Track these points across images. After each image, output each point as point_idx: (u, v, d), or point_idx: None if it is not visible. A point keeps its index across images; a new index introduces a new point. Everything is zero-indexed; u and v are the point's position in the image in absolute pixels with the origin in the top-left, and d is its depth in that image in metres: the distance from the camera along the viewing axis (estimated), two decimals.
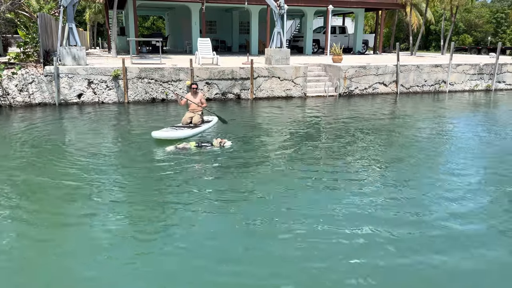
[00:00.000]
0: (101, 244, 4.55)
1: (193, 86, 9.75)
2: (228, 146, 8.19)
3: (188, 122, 9.54)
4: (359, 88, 16.52)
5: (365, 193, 6.05)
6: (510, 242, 4.77)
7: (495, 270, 4.23)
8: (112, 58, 18.11)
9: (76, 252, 4.40)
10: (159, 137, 8.53)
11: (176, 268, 4.15)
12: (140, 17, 42.36)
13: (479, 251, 4.53)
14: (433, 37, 46.70)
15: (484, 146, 9.05)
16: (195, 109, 9.63)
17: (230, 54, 23.64)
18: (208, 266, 4.16)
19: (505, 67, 19.13)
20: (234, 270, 4.11)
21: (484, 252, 4.53)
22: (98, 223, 5.02)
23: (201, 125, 9.56)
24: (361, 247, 4.54)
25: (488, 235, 4.91)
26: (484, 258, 4.42)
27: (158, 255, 4.36)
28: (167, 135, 8.65)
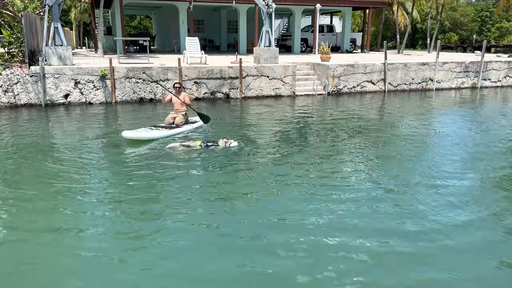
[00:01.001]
0: (89, 247, 4.49)
1: (176, 85, 9.38)
2: (234, 146, 8.04)
3: (171, 122, 9.31)
4: (347, 87, 16.61)
5: (360, 192, 6.08)
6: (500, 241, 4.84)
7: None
8: (99, 57, 17.91)
9: (64, 257, 4.33)
10: (130, 137, 8.26)
11: (177, 266, 4.12)
12: (127, 16, 41.96)
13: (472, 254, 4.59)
14: (420, 36, 47.19)
15: (471, 143, 9.17)
16: (179, 109, 9.36)
17: (219, 53, 23.57)
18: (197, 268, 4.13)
19: (490, 64, 19.42)
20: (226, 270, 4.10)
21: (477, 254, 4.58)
22: (86, 226, 4.95)
23: (183, 126, 9.30)
24: (351, 250, 4.56)
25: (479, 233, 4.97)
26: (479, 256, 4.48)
27: (152, 258, 4.31)
28: (139, 135, 8.35)
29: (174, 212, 5.31)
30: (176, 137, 8.82)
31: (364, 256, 4.32)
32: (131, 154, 7.80)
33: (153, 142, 8.38)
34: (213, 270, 4.08)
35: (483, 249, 4.57)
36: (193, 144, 8.00)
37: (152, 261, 4.21)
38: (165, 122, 9.32)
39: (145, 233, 4.77)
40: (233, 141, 8.14)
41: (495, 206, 5.66)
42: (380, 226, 4.99)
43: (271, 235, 4.75)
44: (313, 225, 4.99)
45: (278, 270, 4.07)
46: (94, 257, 4.30)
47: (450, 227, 4.99)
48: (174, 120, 9.31)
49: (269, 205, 5.59)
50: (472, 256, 4.43)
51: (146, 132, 8.54)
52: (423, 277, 4.01)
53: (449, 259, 4.33)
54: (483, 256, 4.43)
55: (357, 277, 3.97)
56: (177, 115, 9.35)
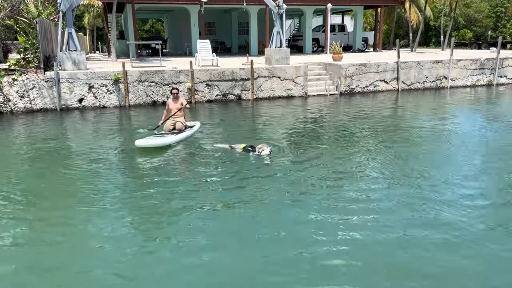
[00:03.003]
0: (106, 249, 4.53)
1: (173, 91, 9.22)
2: (265, 155, 7.61)
3: (171, 128, 9.13)
4: (360, 86, 16.48)
5: (378, 191, 6.03)
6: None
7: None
8: (112, 62, 18.11)
9: (76, 259, 4.38)
10: (143, 146, 8.12)
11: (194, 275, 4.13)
12: (139, 20, 42.38)
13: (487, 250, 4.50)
14: (433, 33, 46.56)
15: (489, 142, 9.00)
16: (177, 115, 9.15)
17: (230, 55, 23.62)
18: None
19: (506, 61, 19.05)
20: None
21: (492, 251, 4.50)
22: (100, 230, 5.00)
23: (185, 130, 9.19)
24: (372, 246, 4.52)
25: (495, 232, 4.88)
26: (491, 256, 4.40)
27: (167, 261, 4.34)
28: (152, 142, 8.24)
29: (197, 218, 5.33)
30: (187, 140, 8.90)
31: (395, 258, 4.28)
32: (148, 159, 7.84)
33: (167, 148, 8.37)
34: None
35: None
36: (238, 146, 8.03)
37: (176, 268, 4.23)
38: (165, 129, 9.12)
39: (169, 236, 4.80)
40: (266, 148, 7.72)
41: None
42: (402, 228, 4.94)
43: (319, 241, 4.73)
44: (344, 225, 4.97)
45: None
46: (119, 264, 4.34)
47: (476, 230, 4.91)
48: (175, 126, 9.13)
49: (293, 208, 5.57)
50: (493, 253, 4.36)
51: (157, 139, 8.40)
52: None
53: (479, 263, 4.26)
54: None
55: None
56: (177, 121, 9.16)
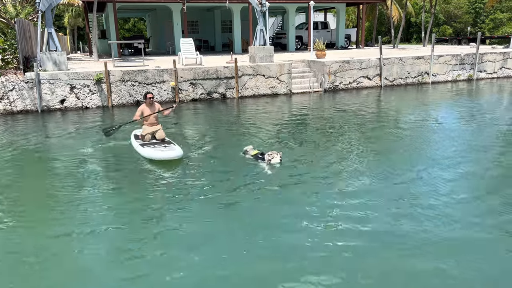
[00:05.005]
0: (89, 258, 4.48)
1: (148, 95, 8.25)
2: (276, 163, 7.02)
3: (151, 138, 8.21)
4: (343, 83, 16.61)
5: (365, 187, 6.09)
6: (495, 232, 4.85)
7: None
8: (94, 62, 17.86)
9: (64, 266, 4.32)
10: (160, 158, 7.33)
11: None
12: (121, 19, 41.87)
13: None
14: (414, 29, 47.17)
15: (470, 136, 9.18)
16: (155, 123, 8.31)
17: (214, 53, 23.54)
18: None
19: (485, 56, 19.44)
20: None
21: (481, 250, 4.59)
22: (85, 239, 4.94)
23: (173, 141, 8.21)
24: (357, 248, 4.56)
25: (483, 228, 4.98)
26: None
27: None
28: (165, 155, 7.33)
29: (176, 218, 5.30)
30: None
31: (370, 252, 4.32)
32: (139, 162, 7.77)
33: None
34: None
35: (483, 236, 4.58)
36: (251, 152, 7.55)
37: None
38: (145, 139, 8.13)
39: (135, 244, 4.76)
40: (276, 156, 7.11)
41: (496, 196, 5.68)
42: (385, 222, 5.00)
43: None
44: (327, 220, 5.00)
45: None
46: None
47: (452, 220, 5.00)
48: (156, 135, 8.22)
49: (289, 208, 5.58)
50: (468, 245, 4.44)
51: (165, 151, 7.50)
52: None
53: (450, 251, 4.34)
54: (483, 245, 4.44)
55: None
56: (157, 129, 8.28)
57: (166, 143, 8.08)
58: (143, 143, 8.05)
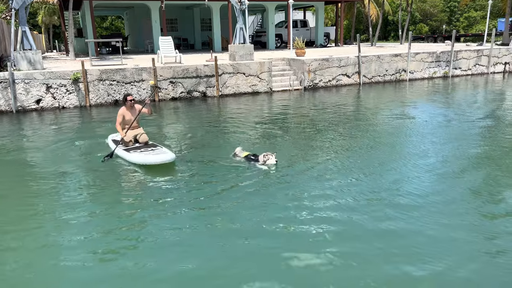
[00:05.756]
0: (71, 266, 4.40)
1: (129, 97, 7.76)
2: (272, 164, 6.78)
3: (134, 142, 7.76)
4: (323, 81, 16.75)
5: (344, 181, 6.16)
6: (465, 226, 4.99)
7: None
8: (70, 61, 17.51)
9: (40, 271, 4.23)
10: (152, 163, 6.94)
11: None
12: (98, 17, 41.13)
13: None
14: (392, 28, 47.93)
15: (446, 130, 9.40)
16: (136, 126, 7.90)
17: (193, 52, 23.39)
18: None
19: (460, 54, 19.92)
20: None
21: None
22: (65, 244, 4.85)
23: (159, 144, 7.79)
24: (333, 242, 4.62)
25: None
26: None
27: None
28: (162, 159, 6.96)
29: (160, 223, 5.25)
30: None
31: (340, 251, 4.38)
32: (113, 163, 7.66)
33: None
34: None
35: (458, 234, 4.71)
36: (241, 154, 7.27)
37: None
38: (128, 144, 7.66)
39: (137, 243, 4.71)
40: (272, 157, 6.85)
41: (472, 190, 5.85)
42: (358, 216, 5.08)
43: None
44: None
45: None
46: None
47: (426, 213, 5.12)
48: (139, 139, 7.79)
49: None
50: (446, 240, 4.56)
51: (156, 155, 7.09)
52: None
53: (423, 246, 4.44)
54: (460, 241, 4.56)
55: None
56: (140, 133, 7.86)
57: (151, 146, 7.66)
58: (127, 148, 7.51)
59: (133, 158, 7.15)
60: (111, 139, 8.20)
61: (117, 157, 7.48)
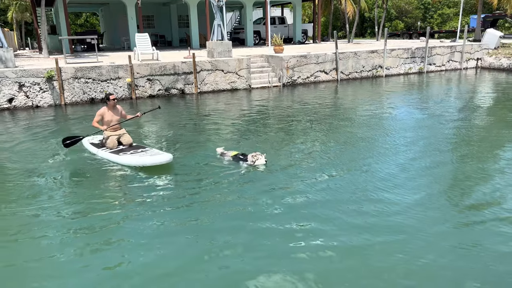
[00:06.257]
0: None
1: (111, 97, 7.46)
2: (261, 164, 6.66)
3: (117, 144, 7.44)
4: (301, 77, 16.85)
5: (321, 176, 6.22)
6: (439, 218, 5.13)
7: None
8: (44, 58, 17.06)
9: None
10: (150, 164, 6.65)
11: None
12: (72, 14, 40.18)
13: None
14: (368, 24, 48.55)
15: (421, 125, 9.61)
16: (118, 127, 7.63)
17: (171, 48, 23.14)
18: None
19: (434, 50, 20.34)
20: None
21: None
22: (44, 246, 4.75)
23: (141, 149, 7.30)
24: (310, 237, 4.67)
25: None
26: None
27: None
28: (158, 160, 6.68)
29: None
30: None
31: (314, 249, 4.44)
32: (92, 164, 7.52)
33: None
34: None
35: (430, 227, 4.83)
36: (229, 153, 7.11)
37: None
38: (111, 147, 7.34)
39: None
40: (261, 157, 6.73)
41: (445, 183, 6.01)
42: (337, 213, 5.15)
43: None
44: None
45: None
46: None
47: (398, 207, 5.23)
48: (124, 141, 7.52)
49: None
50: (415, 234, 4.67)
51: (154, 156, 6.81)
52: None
53: (398, 240, 4.54)
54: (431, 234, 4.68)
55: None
56: (122, 134, 7.63)
57: (135, 147, 7.34)
58: (114, 151, 7.18)
59: (125, 161, 6.79)
60: (89, 142, 7.81)
61: (99, 160, 7.19)
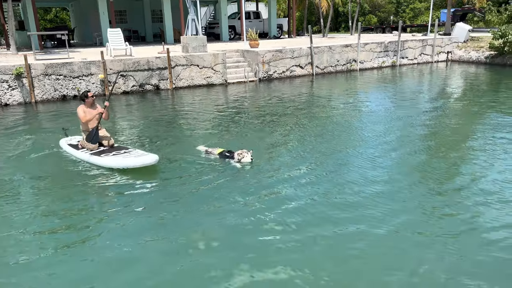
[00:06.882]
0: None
1: (89, 94, 7.10)
2: (246, 162, 6.55)
3: (98, 145, 7.11)
4: (277, 72, 16.89)
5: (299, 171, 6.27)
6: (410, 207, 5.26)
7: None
8: (12, 55, 16.49)
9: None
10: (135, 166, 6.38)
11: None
12: (41, 9, 38.91)
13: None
14: (342, 19, 49.00)
15: (394, 117, 9.81)
16: (98, 127, 7.19)
17: (144, 44, 22.77)
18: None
19: (406, 43, 20.74)
20: None
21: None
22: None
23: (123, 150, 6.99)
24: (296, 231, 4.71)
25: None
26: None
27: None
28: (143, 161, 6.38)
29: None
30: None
31: (290, 243, 4.49)
32: (65, 164, 7.35)
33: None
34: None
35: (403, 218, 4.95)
36: (215, 151, 7.00)
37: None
38: (92, 148, 7.00)
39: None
40: (247, 155, 6.61)
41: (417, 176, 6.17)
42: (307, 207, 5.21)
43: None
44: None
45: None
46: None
47: (373, 200, 5.34)
48: (105, 142, 7.18)
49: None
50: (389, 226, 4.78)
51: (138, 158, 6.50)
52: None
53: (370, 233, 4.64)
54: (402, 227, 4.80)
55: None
56: (104, 135, 7.28)
57: (119, 148, 7.02)
58: (94, 152, 6.84)
59: (108, 163, 6.49)
60: (67, 144, 7.46)
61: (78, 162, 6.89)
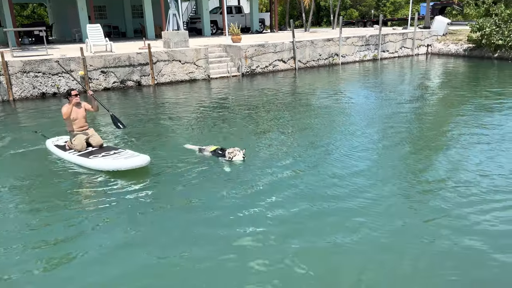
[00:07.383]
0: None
1: (73, 92, 6.67)
2: (238, 160, 6.45)
3: (86, 146, 6.77)
4: (260, 67, 16.88)
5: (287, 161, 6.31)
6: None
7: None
8: None
9: None
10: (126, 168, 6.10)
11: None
12: (17, 5, 37.99)
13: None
14: (324, 13, 49.20)
15: (375, 110, 9.93)
16: (85, 126, 6.93)
17: (125, 40, 22.42)
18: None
19: (387, 37, 20.96)
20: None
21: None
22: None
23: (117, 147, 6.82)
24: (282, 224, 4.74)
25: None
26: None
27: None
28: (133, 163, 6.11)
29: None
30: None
31: (275, 240, 4.53)
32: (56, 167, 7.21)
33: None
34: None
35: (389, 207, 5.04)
36: (208, 149, 6.82)
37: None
38: (80, 148, 6.68)
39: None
40: (239, 153, 6.51)
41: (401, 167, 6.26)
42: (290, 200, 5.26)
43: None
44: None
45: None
46: None
47: (358, 192, 5.42)
48: (93, 142, 6.85)
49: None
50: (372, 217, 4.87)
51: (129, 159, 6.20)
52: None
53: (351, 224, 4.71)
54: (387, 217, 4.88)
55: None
56: (91, 134, 6.95)
57: (109, 149, 6.74)
58: (82, 154, 6.56)
59: (98, 165, 6.20)
60: (54, 145, 7.18)
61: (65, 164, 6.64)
